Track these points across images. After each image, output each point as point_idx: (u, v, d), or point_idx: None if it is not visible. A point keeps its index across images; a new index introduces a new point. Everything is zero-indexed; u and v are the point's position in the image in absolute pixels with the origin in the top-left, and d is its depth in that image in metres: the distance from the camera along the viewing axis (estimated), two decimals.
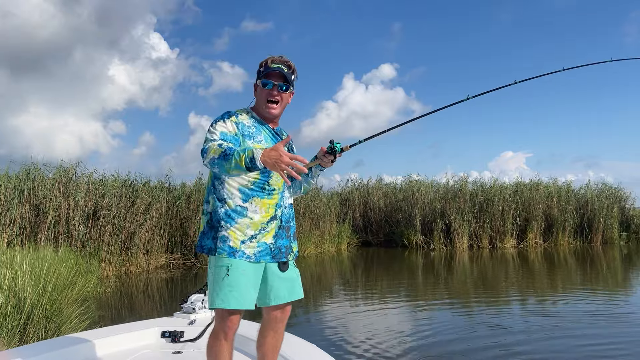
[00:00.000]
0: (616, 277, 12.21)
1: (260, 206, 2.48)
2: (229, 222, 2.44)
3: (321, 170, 2.73)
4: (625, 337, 6.27)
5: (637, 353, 5.55)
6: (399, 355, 5.52)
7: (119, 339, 3.61)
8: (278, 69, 2.54)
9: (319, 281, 11.79)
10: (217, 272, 2.41)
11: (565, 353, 5.59)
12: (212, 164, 2.30)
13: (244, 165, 2.20)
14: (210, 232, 2.46)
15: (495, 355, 5.49)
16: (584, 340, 6.07)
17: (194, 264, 14.32)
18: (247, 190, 2.47)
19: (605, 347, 5.77)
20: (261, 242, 2.48)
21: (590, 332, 6.52)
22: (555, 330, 6.62)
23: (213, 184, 2.54)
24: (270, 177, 2.52)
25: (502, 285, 11.02)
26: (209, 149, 2.32)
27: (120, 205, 12.85)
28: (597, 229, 20.76)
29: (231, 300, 2.38)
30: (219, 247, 2.41)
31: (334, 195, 21.97)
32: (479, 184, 20.92)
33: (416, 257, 17.24)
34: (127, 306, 8.82)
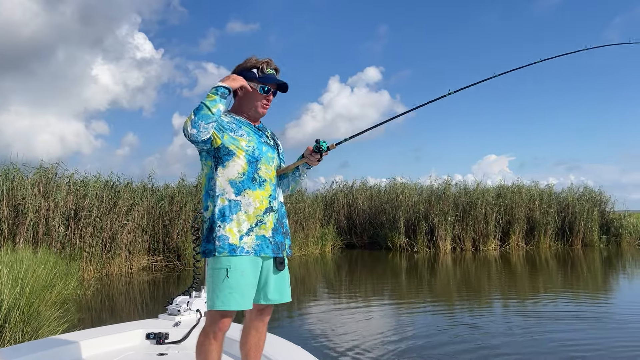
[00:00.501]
0: (596, 280, 12.38)
1: (253, 198, 2.48)
2: (225, 220, 2.43)
3: (308, 168, 2.73)
4: (604, 337, 6.35)
5: (615, 351, 5.61)
6: (383, 356, 5.52)
7: (102, 340, 3.55)
8: (273, 75, 2.62)
9: (303, 283, 11.75)
10: (217, 274, 2.41)
11: (546, 354, 5.63)
12: (195, 123, 2.35)
13: (215, 96, 2.38)
14: (210, 234, 2.46)
15: (478, 357, 5.51)
16: (565, 341, 6.12)
17: (177, 266, 14.18)
18: (238, 183, 2.48)
19: (585, 347, 5.83)
20: (259, 235, 2.48)
21: (571, 332, 6.58)
22: (537, 332, 6.67)
23: (208, 185, 2.55)
24: (259, 168, 2.53)
25: (485, 288, 11.09)
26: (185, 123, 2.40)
27: (101, 207, 12.68)
28: (578, 232, 21.05)
29: (231, 302, 2.38)
30: (218, 247, 2.40)
31: (319, 197, 21.96)
32: (462, 187, 21.08)
33: (400, 259, 17.29)
34: (108, 308, 8.68)
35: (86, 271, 11.87)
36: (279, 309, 7.97)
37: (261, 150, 2.56)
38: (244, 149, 2.49)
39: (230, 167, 2.48)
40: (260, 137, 2.61)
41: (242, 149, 2.49)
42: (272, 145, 2.68)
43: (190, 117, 2.36)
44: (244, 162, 2.49)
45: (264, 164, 2.55)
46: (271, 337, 3.29)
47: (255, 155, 2.53)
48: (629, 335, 6.54)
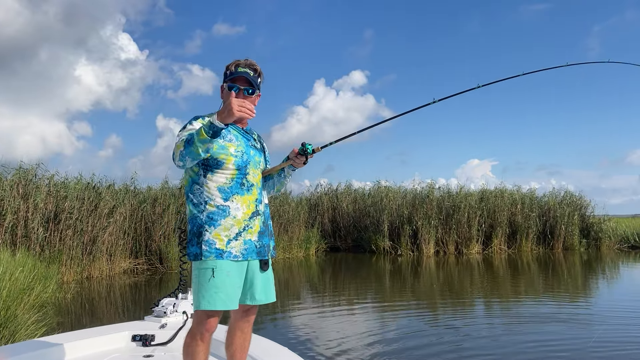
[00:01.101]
0: (576, 282, 12.54)
1: (241, 203, 2.51)
2: (212, 225, 2.45)
3: (293, 170, 2.77)
4: (583, 337, 6.43)
5: (594, 351, 5.68)
6: (366, 358, 5.51)
7: (88, 343, 3.53)
8: (244, 73, 2.58)
9: (287, 286, 11.71)
10: (203, 274, 2.43)
11: (526, 354, 5.67)
12: (183, 157, 2.37)
13: (206, 135, 2.30)
14: (194, 238, 2.48)
15: (459, 357, 5.53)
16: (545, 342, 6.18)
17: (159, 269, 14.04)
18: (226, 189, 2.50)
19: (564, 347, 5.89)
20: (247, 240, 2.51)
21: (551, 334, 6.65)
22: (517, 333, 6.73)
23: (190, 189, 2.55)
24: (247, 173, 2.56)
25: (467, 291, 11.17)
26: (175, 149, 2.41)
27: (82, 208, 12.49)
28: (559, 236, 21.31)
29: (217, 301, 2.41)
30: (205, 251, 2.43)
31: (303, 200, 21.93)
32: (446, 191, 21.23)
33: (384, 262, 17.33)
34: (88, 312, 8.55)
35: (66, 274, 11.68)
36: (263, 312, 7.93)
37: (249, 155, 2.59)
38: (233, 155, 2.51)
39: (218, 174, 2.50)
40: (247, 140, 2.64)
41: (231, 156, 2.51)
42: (259, 149, 2.72)
43: (179, 149, 2.37)
44: (233, 168, 2.52)
45: (252, 168, 2.59)
46: (257, 338, 3.29)
47: (244, 160, 2.55)
48: (608, 335, 6.64)
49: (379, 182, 23.39)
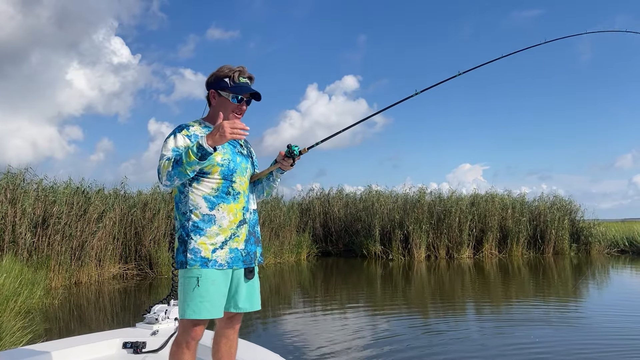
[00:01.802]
0: (566, 287, 12.59)
1: (227, 212, 2.49)
2: (198, 233, 2.44)
3: (281, 173, 2.73)
4: (573, 339, 6.45)
5: (583, 353, 5.69)
6: None
7: (78, 350, 3.46)
8: (246, 84, 2.59)
9: (278, 291, 11.64)
10: (188, 282, 2.42)
11: (516, 357, 5.67)
12: (170, 178, 2.36)
13: (195, 157, 2.29)
14: (181, 246, 2.46)
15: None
16: (534, 345, 6.18)
17: (149, 274, 13.91)
18: (212, 198, 2.47)
19: (554, 350, 5.90)
20: (233, 249, 2.49)
21: (541, 337, 6.65)
22: (508, 337, 6.74)
23: (177, 197, 2.55)
24: (234, 181, 2.53)
25: (459, 295, 11.17)
26: (161, 168, 2.38)
27: (71, 213, 12.37)
28: (549, 240, 21.41)
29: (202, 310, 2.39)
30: (190, 260, 2.41)
31: (295, 205, 21.88)
32: (437, 195, 21.27)
33: (375, 267, 17.31)
34: (77, 318, 8.44)
35: (54, 280, 11.54)
36: (253, 317, 7.87)
37: (236, 162, 2.56)
38: (219, 164, 2.48)
39: (204, 184, 2.48)
40: (234, 147, 2.61)
41: (217, 165, 2.48)
42: (246, 155, 2.69)
43: (167, 169, 2.36)
44: (219, 178, 2.49)
45: (239, 176, 2.56)
46: (247, 344, 3.26)
47: (230, 168, 2.53)
48: (597, 336, 6.66)
49: (370, 187, 23.42)
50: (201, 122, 2.61)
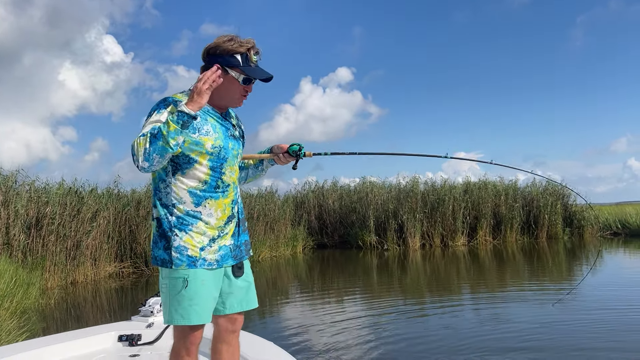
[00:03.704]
0: (561, 270, 12.71)
1: (215, 208, 2.20)
2: (184, 229, 2.15)
3: (272, 165, 2.59)
4: (568, 322, 6.54)
5: (579, 336, 5.77)
6: (356, 354, 5.53)
7: (73, 344, 3.48)
8: (259, 66, 2.27)
9: (275, 285, 11.68)
10: (174, 284, 2.14)
11: (514, 344, 5.74)
12: (148, 157, 1.98)
13: (177, 126, 1.97)
14: (162, 241, 2.16)
15: (447, 350, 5.58)
16: (533, 331, 6.26)
17: (145, 271, 13.91)
18: (199, 192, 2.17)
19: (550, 332, 5.98)
20: (222, 246, 2.23)
21: (538, 321, 6.74)
22: (505, 322, 6.81)
23: (157, 186, 2.21)
24: (224, 173, 2.23)
25: (454, 282, 11.26)
26: (136, 146, 1.98)
27: (65, 214, 12.33)
28: (542, 225, 21.57)
29: (192, 315, 2.13)
30: (175, 259, 2.12)
31: (289, 199, 21.90)
32: (430, 184, 21.37)
33: (371, 257, 17.39)
34: (74, 317, 8.44)
35: (49, 280, 11.51)
36: (251, 310, 7.89)
37: (227, 149, 2.24)
38: (208, 152, 2.16)
39: (189, 175, 2.17)
40: (227, 129, 2.28)
41: (206, 154, 2.16)
42: (238, 137, 2.37)
43: (143, 145, 1.97)
44: (207, 169, 2.18)
45: (229, 165, 2.26)
46: (245, 334, 3.26)
47: (221, 157, 2.22)
48: (592, 319, 6.75)
49: (364, 178, 23.44)
50: None
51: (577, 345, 5.54)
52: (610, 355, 5.11)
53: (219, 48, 2.20)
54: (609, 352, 5.24)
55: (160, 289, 2.24)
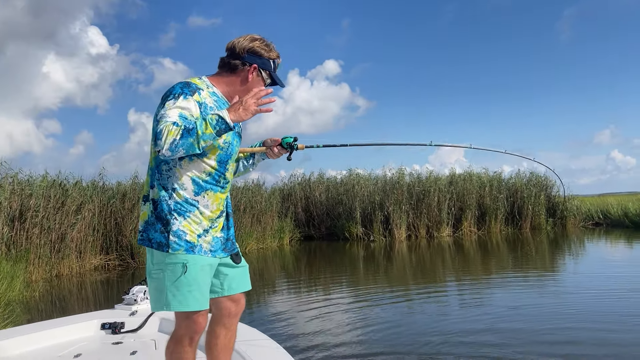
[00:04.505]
0: (544, 260, 12.92)
1: (212, 201, 2.22)
2: (182, 214, 2.14)
3: (263, 159, 2.61)
4: (550, 308, 6.69)
5: (560, 320, 5.90)
6: (345, 341, 5.59)
7: (55, 332, 3.48)
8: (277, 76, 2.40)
9: (262, 276, 11.71)
10: (172, 269, 2.11)
11: (499, 331, 5.85)
12: (174, 148, 1.97)
13: (212, 131, 1.99)
14: (158, 223, 2.13)
15: (434, 339, 5.67)
16: (518, 318, 6.38)
17: (131, 264, 13.85)
18: (201, 182, 2.17)
19: (533, 318, 6.11)
20: (214, 237, 2.25)
21: (521, 308, 6.87)
22: (489, 311, 6.93)
23: (158, 167, 2.17)
24: (227, 169, 2.27)
25: (440, 272, 11.39)
26: (165, 133, 1.96)
27: (49, 206, 12.21)
28: (526, 216, 21.85)
29: (190, 301, 2.11)
30: (173, 243, 2.10)
31: (276, 191, 21.90)
32: (416, 176, 21.52)
33: (357, 248, 17.49)
34: (59, 309, 8.40)
35: (34, 273, 11.41)
36: None
37: (233, 146, 2.29)
38: (219, 147, 2.19)
39: (196, 165, 2.17)
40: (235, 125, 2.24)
41: (218, 148, 2.18)
42: (240, 133, 2.41)
43: (173, 136, 1.95)
44: (214, 162, 2.20)
45: (232, 162, 2.31)
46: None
47: (229, 153, 2.26)
48: (572, 304, 6.93)
49: (350, 170, 23.50)
50: (208, 85, 2.25)
51: (551, 328, 5.67)
52: (580, 335, 5.25)
53: (257, 51, 2.27)
54: (580, 331, 5.38)
55: (151, 275, 2.17)
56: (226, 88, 2.29)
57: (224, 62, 2.30)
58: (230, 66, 2.27)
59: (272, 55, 2.31)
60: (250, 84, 2.27)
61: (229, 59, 2.28)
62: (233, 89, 2.29)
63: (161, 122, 2.00)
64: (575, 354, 4.81)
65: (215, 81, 2.29)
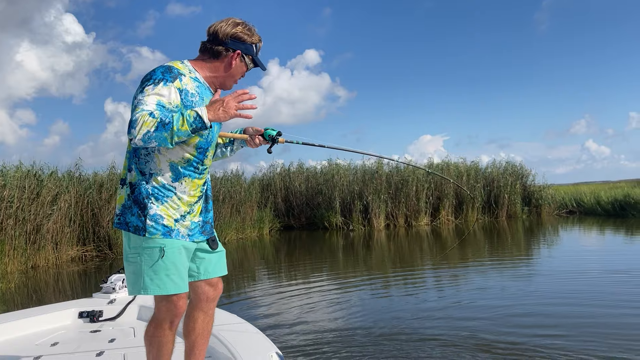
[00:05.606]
0: (519, 247, 13.21)
1: (190, 187, 2.21)
2: (160, 199, 2.12)
3: (242, 147, 2.59)
4: (525, 292, 6.88)
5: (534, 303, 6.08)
6: (324, 328, 5.67)
7: (32, 321, 3.44)
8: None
9: (241, 266, 11.73)
10: (149, 253, 2.10)
11: (475, 315, 5.99)
12: (147, 139, 1.95)
13: (189, 128, 1.97)
14: (135, 207, 2.11)
15: (410, 325, 5.78)
16: (496, 305, 6.54)
17: (109, 255, 13.72)
18: (180, 169, 2.16)
19: (508, 301, 6.27)
20: (192, 221, 2.24)
21: (499, 292, 7.04)
22: (465, 294, 7.09)
23: (136, 151, 2.15)
24: (206, 157, 2.26)
25: (418, 260, 11.56)
26: (140, 123, 1.93)
27: (23, 197, 12.00)
28: (503, 205, 22.24)
29: (169, 284, 2.12)
30: (150, 227, 2.09)
31: (255, 181, 21.85)
32: (395, 166, 21.68)
33: (337, 238, 17.61)
34: (35, 300, 8.30)
35: (9, 264, 11.23)
36: None
37: (213, 133, 2.28)
38: (199, 134, 2.17)
39: (175, 150, 2.14)
40: None
41: (197, 135, 2.17)
42: None
43: (148, 127, 1.93)
44: (193, 149, 2.19)
45: (211, 149, 2.30)
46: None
47: (208, 141, 2.24)
48: (548, 288, 7.14)
49: (330, 160, 23.55)
50: (191, 70, 2.22)
51: (524, 305, 5.85)
52: (552, 309, 5.43)
53: (239, 36, 2.25)
54: (550, 307, 5.57)
55: (128, 259, 2.17)
56: (209, 74, 2.27)
57: (206, 47, 2.27)
58: (213, 52, 2.25)
59: (254, 40, 2.30)
60: (233, 70, 2.28)
61: (212, 45, 2.25)
62: (216, 75, 2.28)
63: (137, 109, 1.98)
64: (546, 324, 4.99)
65: (198, 66, 2.26)
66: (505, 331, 5.17)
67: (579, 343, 4.67)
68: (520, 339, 4.89)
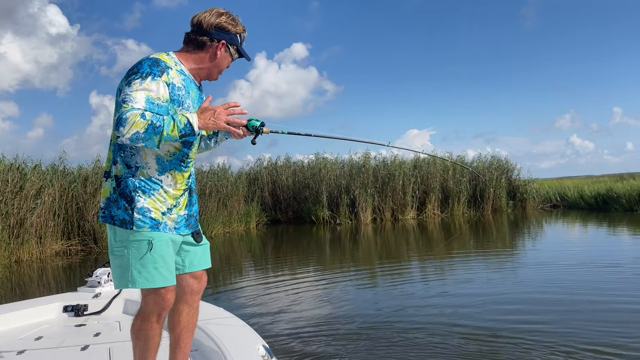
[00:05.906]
0: (504, 240, 13.35)
1: (176, 180, 2.21)
2: (147, 192, 2.12)
3: (226, 138, 2.55)
4: (511, 283, 6.99)
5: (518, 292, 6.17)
6: (311, 321, 5.69)
7: (15, 315, 3.38)
8: None
9: (228, 260, 11.71)
10: (137, 247, 2.10)
11: (462, 306, 6.06)
12: (135, 139, 1.95)
13: (177, 134, 2.00)
14: (122, 200, 2.10)
15: (396, 316, 5.83)
16: (481, 295, 6.62)
17: (94, 249, 13.61)
18: (165, 162, 2.16)
19: (494, 292, 6.36)
20: (178, 214, 2.24)
21: (484, 285, 7.13)
22: (452, 284, 7.17)
23: (122, 145, 2.13)
24: (191, 150, 2.26)
25: (404, 254, 11.64)
26: (131, 122, 1.92)
27: (6, 191, 11.85)
28: (488, 199, 22.44)
29: (157, 277, 2.11)
30: (137, 220, 2.08)
31: (242, 175, 21.78)
32: (381, 160, 21.78)
33: (324, 232, 17.65)
34: (19, 295, 8.21)
35: None
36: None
37: None
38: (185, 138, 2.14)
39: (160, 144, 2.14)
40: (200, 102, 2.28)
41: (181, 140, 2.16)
42: None
43: (137, 128, 1.93)
44: (179, 144, 2.19)
45: (197, 143, 2.31)
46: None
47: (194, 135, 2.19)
48: (532, 278, 7.32)
49: (317, 154, 23.53)
50: (177, 62, 2.20)
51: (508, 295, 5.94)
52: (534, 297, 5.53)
53: (223, 25, 2.24)
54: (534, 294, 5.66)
55: (114, 252, 2.15)
56: (194, 65, 2.26)
57: (190, 38, 2.26)
58: (198, 43, 2.24)
59: (239, 30, 2.29)
60: (218, 60, 2.27)
61: (196, 36, 2.24)
62: (201, 67, 2.27)
63: (127, 105, 1.96)
64: (530, 312, 5.08)
65: (183, 58, 2.24)
66: (490, 318, 5.27)
67: (562, 330, 4.79)
68: (505, 325, 5.00)
